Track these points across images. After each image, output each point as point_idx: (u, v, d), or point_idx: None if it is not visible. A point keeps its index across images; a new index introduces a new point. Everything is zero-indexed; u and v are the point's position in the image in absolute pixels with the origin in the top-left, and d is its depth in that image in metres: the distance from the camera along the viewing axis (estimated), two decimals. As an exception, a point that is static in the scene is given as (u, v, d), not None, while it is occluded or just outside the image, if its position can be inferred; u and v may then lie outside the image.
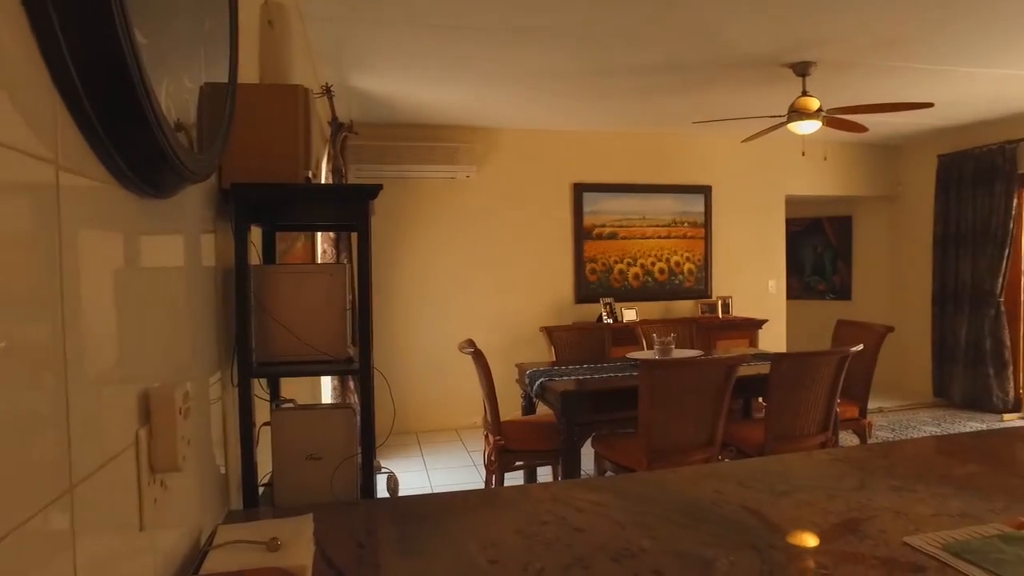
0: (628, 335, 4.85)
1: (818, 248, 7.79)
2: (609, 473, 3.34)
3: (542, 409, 3.83)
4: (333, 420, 1.42)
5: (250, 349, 1.41)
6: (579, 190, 5.86)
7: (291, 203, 1.56)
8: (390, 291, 5.51)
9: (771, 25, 3.39)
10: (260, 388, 1.69)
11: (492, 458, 3.51)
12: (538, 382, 3.57)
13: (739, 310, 6.15)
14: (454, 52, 3.77)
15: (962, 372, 6.13)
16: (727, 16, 3.27)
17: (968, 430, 5.42)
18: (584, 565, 1.04)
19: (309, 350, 1.46)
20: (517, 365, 4.15)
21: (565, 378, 3.61)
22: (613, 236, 5.97)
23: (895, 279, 7.05)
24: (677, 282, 6.18)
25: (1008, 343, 5.85)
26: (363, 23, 3.28)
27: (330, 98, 3.89)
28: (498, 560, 1.07)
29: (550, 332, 4.43)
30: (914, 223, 6.75)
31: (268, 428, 1.45)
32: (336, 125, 4.65)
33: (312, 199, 1.59)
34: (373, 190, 1.42)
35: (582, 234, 5.87)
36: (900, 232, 6.98)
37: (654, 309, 6.06)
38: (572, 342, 4.45)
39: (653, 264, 6.10)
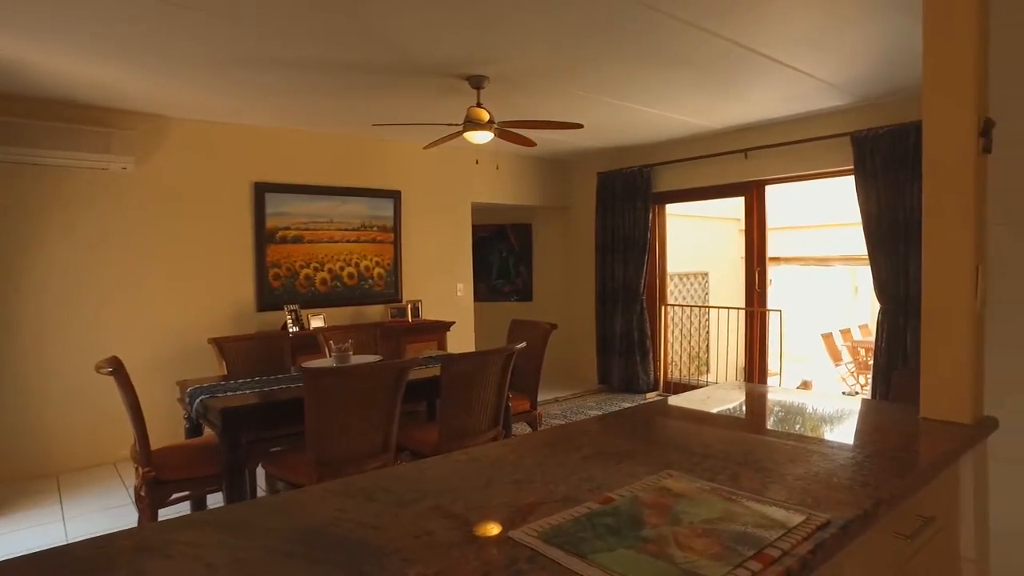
0: (313, 343, 4.61)
1: (503, 253, 8.39)
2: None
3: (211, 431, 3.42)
4: None
5: None
6: (260, 190, 5.43)
7: None
8: (22, 301, 4.49)
9: (446, 37, 3.47)
10: None
11: (141, 493, 3.02)
12: (198, 400, 3.17)
13: (429, 313, 6.30)
14: (87, 16, 3.13)
15: (618, 361, 7.11)
16: (403, 22, 3.25)
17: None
18: (140, 632, 0.85)
19: None
20: (178, 383, 3.65)
21: (231, 393, 3.25)
22: (299, 240, 5.65)
23: (568, 281, 7.91)
24: (367, 287, 6.10)
25: (649, 334, 6.94)
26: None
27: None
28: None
29: (220, 344, 3.98)
30: (582, 231, 7.65)
31: None
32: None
33: None
34: None
35: (264, 237, 5.45)
36: (571, 239, 7.86)
37: (343, 315, 5.90)
38: (248, 353, 4.05)
39: (342, 269, 5.92)
